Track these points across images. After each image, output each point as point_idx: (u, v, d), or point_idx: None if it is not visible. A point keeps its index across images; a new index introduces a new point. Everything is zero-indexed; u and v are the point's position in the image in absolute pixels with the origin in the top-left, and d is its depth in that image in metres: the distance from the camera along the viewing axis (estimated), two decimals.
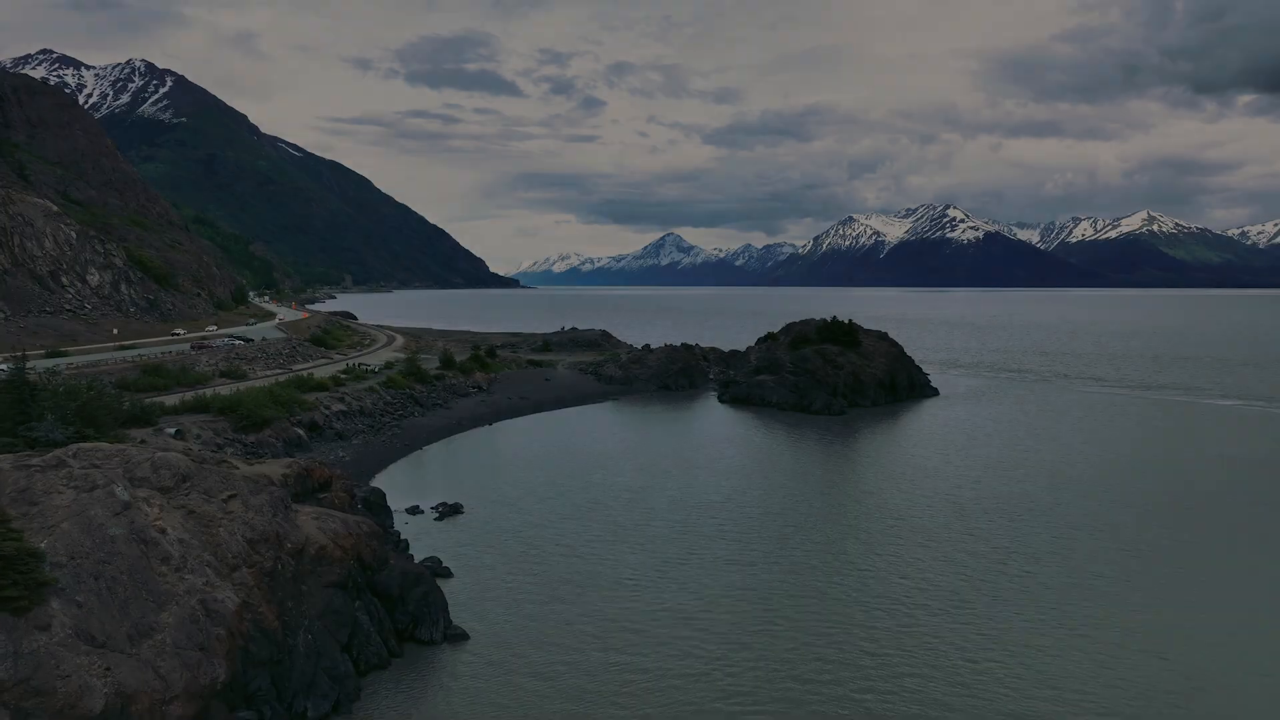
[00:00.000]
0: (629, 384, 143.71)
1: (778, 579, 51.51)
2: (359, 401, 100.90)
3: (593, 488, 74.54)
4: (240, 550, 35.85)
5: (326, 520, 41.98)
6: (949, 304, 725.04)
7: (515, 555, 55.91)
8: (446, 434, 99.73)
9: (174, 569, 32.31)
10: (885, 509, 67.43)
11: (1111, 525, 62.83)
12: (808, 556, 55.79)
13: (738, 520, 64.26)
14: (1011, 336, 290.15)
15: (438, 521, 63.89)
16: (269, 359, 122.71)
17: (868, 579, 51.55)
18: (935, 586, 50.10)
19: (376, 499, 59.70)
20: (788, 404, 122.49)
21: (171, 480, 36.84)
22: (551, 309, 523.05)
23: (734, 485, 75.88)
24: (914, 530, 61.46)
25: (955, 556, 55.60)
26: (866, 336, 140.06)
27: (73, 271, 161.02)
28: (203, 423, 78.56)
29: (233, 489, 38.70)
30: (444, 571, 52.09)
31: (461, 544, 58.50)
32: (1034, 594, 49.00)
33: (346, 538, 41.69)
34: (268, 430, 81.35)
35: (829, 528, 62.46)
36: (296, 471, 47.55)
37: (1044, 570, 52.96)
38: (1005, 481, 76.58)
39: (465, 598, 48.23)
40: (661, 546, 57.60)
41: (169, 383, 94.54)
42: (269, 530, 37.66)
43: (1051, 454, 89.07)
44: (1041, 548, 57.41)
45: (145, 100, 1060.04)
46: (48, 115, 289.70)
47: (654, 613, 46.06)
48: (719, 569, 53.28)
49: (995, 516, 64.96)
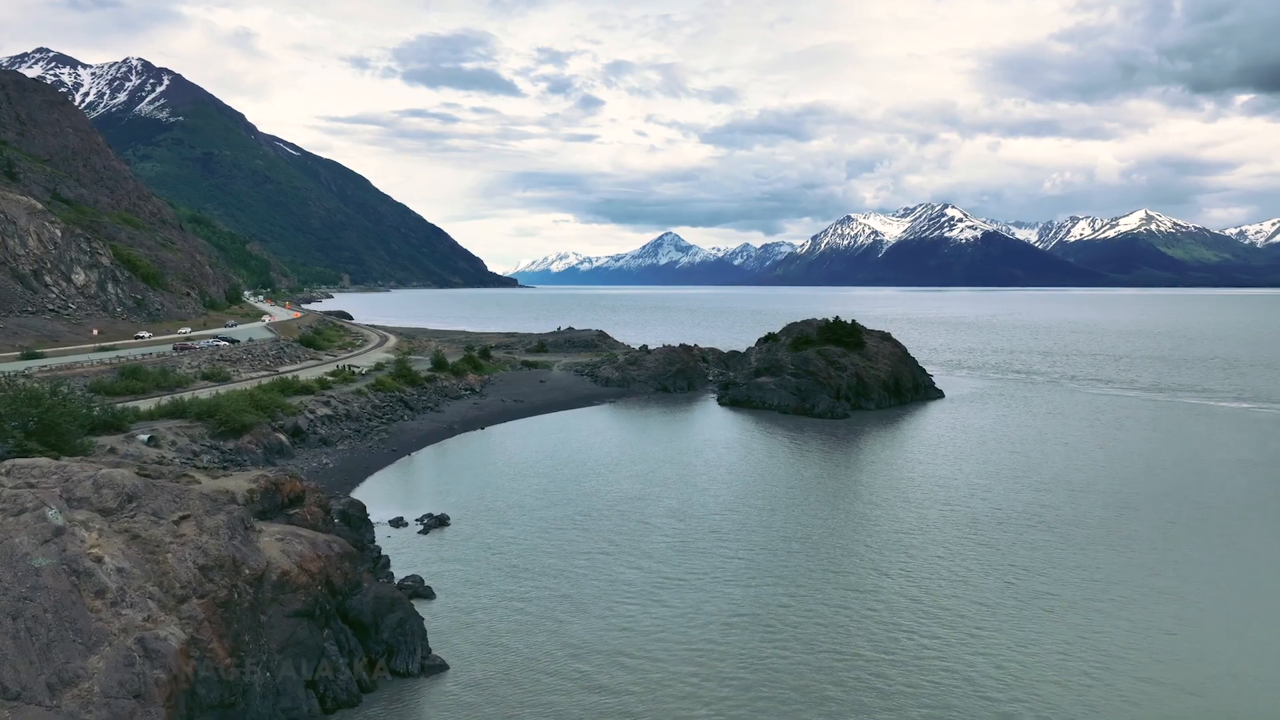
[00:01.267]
0: (626, 386, 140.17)
1: (782, 604, 47.92)
2: (345, 405, 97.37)
3: (586, 497, 71.00)
4: (190, 579, 32.24)
5: (292, 541, 38.38)
6: (949, 303, 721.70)
7: (502, 573, 52.35)
8: (436, 439, 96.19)
9: (109, 604, 28.74)
10: (896, 523, 63.89)
11: (1136, 539, 59.30)
12: (815, 579, 52.24)
13: (738, 535, 60.74)
14: (1015, 337, 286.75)
15: (422, 535, 60.35)
16: (255, 360, 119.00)
17: (879, 603, 48.00)
18: (951, 611, 46.55)
19: (356, 512, 56.14)
20: (789, 407, 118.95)
21: (115, 500, 33.25)
22: (548, 308, 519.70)
23: (734, 495, 72.35)
24: (927, 546, 57.92)
25: (971, 577, 52.05)
26: (869, 337, 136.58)
27: (57, 270, 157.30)
28: (178, 428, 74.93)
29: (185, 509, 35.11)
30: (425, 592, 48.57)
31: (446, 560, 54.99)
32: (1059, 617, 45.43)
33: (314, 560, 38.09)
34: (247, 436, 77.77)
35: (836, 545, 58.93)
36: (264, 486, 43.92)
37: (1067, 590, 49.41)
38: (1019, 491, 73.05)
39: (447, 622, 44.70)
40: (657, 564, 54.06)
41: (148, 386, 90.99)
42: (225, 555, 34.05)
43: (1065, 461, 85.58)
44: (1064, 565, 53.87)
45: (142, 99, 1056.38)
46: (38, 112, 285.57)
47: (649, 642, 42.51)
48: (718, 588, 49.70)
49: (1011, 530, 61.43)
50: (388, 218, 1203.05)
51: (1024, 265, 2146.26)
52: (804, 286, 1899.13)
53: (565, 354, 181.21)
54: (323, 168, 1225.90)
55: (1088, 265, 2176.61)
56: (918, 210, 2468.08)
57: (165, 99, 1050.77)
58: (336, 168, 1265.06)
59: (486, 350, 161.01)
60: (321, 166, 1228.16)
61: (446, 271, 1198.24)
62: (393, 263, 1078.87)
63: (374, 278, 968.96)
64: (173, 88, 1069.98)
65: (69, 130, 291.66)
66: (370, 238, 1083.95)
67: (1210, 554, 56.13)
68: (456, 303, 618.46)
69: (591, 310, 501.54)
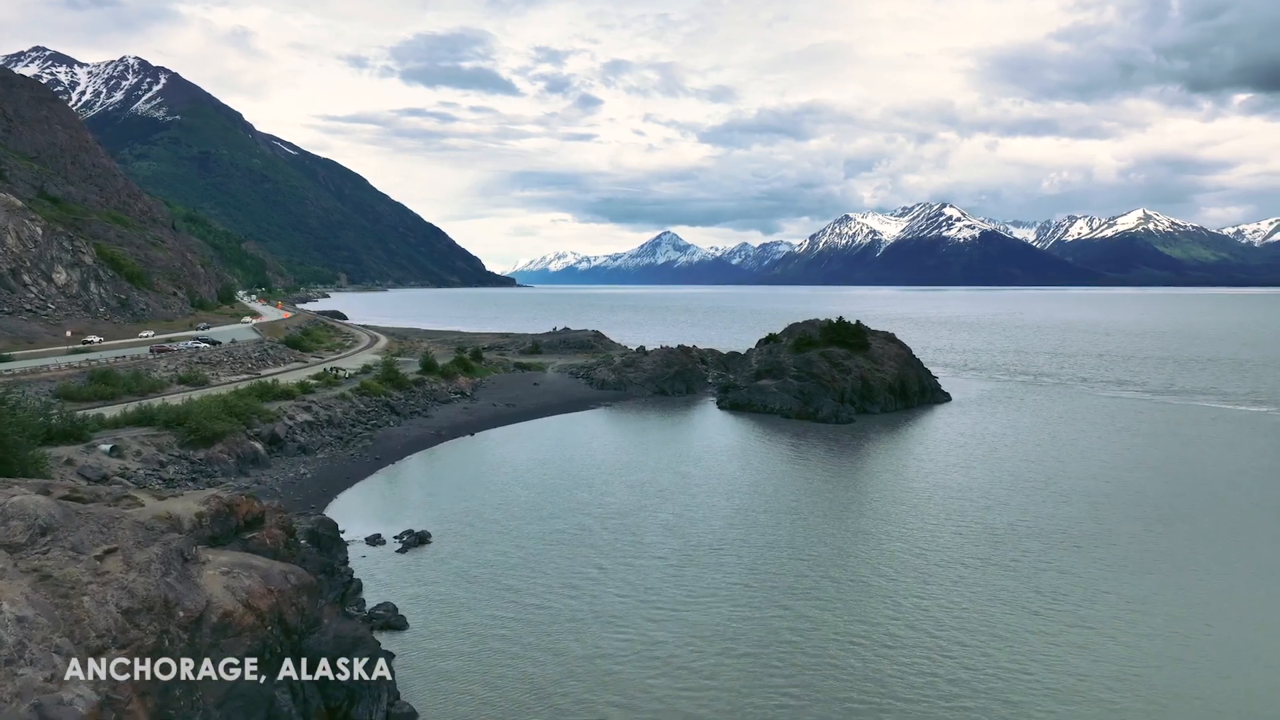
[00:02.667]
0: (622, 389, 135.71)
1: (787, 640, 43.54)
2: (328, 410, 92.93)
3: (577, 511, 66.57)
4: (111, 625, 27.78)
5: (240, 575, 33.90)
6: (948, 303, 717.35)
7: (483, 601, 47.91)
8: (423, 446, 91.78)
9: (2, 662, 24.28)
10: (908, 542, 59.46)
11: (1174, 560, 54.94)
12: (821, 611, 47.82)
13: (740, 553, 56.33)
14: (1019, 337, 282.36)
15: (400, 554, 55.92)
16: (236, 363, 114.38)
17: (892, 640, 43.60)
18: (974, 648, 42.17)
19: (326, 531, 51.66)
20: (792, 411, 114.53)
21: (25, 534, 28.80)
22: (545, 308, 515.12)
23: (735, 508, 67.93)
24: (944, 570, 53.52)
25: (995, 607, 47.64)
26: (874, 338, 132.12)
27: (37, 270, 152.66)
28: (144, 437, 70.47)
29: (112, 541, 30.65)
30: (398, 622, 44.21)
31: (424, 583, 50.60)
32: (1098, 652, 41.09)
33: (264, 597, 33.62)
34: (219, 445, 73.34)
35: (845, 568, 54.52)
36: (215, 508, 39.45)
37: (1104, 619, 45.04)
38: (1040, 504, 68.64)
39: (419, 658, 40.36)
40: (650, 593, 49.60)
41: (118, 390, 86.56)
42: (154, 595, 29.59)
43: (1085, 470, 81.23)
44: (1097, 590, 49.48)
45: (139, 98, 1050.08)
46: (25, 109, 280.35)
47: (635, 691, 38.11)
48: (714, 624, 45.27)
49: (1035, 549, 57.02)
50: (385, 217, 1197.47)
51: (1022, 264, 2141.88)
52: (802, 286, 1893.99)
53: (560, 355, 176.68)
54: (320, 167, 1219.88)
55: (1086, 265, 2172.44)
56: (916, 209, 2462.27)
57: (162, 98, 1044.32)
58: (334, 167, 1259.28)
59: (478, 352, 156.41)
60: (319, 166, 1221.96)
61: (444, 271, 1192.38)
62: (390, 262, 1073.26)
63: (371, 277, 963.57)
64: (170, 87, 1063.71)
65: (58, 127, 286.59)
66: (368, 237, 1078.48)
67: (1260, 578, 51.75)
68: (453, 302, 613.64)
69: (589, 310, 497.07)
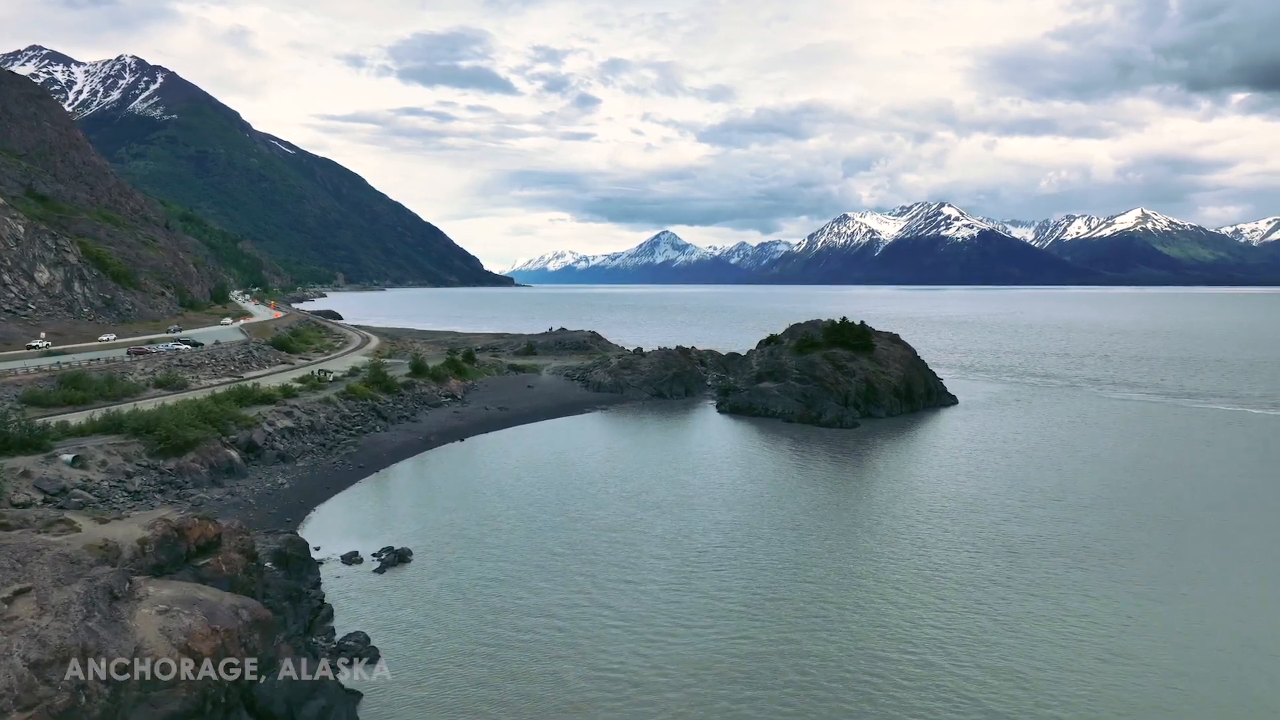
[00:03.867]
0: (619, 391, 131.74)
1: (798, 669, 39.68)
2: (310, 415, 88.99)
3: (570, 524, 62.68)
4: (15, 681, 23.93)
5: (179, 615, 29.97)
6: (948, 302, 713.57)
7: (465, 625, 44.04)
8: (411, 452, 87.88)
9: None
10: (922, 557, 55.57)
11: (1211, 579, 51.06)
12: (832, 633, 43.97)
13: (739, 573, 52.42)
14: (1023, 337, 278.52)
15: (378, 574, 52.00)
16: (218, 366, 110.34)
17: (906, 671, 39.76)
18: (993, 688, 38.31)
19: (295, 551, 47.70)
20: (794, 415, 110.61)
21: None
22: (543, 308, 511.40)
23: (736, 520, 64.04)
24: (962, 591, 49.62)
25: (1020, 635, 43.72)
26: (878, 339, 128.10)
27: (18, 269, 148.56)
28: (111, 446, 66.50)
29: (26, 580, 26.81)
30: (369, 653, 40.33)
31: (400, 607, 46.71)
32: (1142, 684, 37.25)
33: (206, 639, 29.70)
34: (191, 454, 69.41)
35: (855, 591, 50.57)
36: (161, 533, 35.61)
37: (1142, 648, 41.21)
38: (1059, 516, 64.76)
39: (390, 699, 36.49)
40: (647, 613, 45.75)
41: (90, 395, 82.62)
42: (71, 644, 25.74)
43: (1103, 478, 77.37)
44: (1127, 610, 45.67)
45: (136, 97, 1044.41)
46: (14, 106, 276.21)
47: None
48: (715, 651, 41.40)
49: (1058, 567, 53.15)
50: (383, 216, 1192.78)
51: (1020, 264, 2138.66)
52: (801, 285, 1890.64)
53: (556, 356, 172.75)
54: (318, 166, 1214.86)
55: (1084, 264, 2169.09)
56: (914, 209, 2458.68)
57: (159, 97, 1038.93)
58: (332, 166, 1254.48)
59: (471, 353, 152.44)
60: (317, 165, 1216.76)
61: (442, 270, 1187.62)
62: (388, 262, 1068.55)
63: (369, 277, 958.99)
64: (167, 86, 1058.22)
65: (47, 125, 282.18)
66: (366, 237, 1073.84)
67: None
68: (450, 302, 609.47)
69: (586, 310, 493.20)
